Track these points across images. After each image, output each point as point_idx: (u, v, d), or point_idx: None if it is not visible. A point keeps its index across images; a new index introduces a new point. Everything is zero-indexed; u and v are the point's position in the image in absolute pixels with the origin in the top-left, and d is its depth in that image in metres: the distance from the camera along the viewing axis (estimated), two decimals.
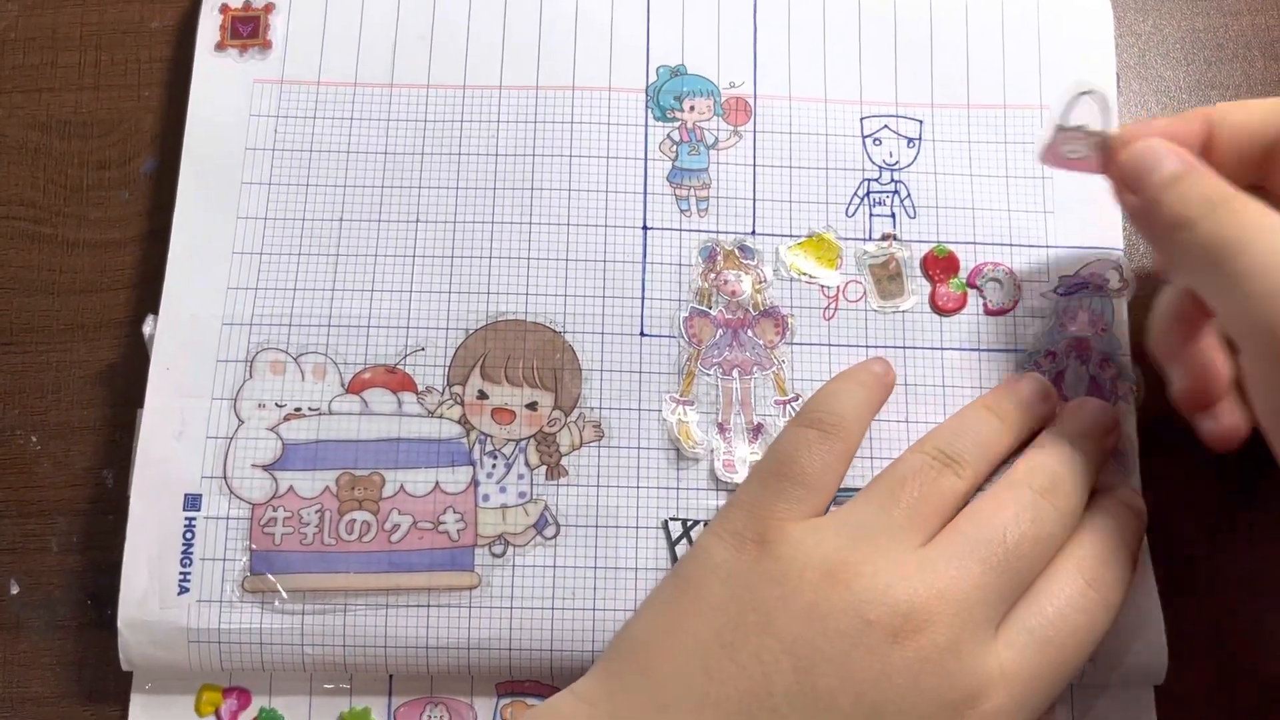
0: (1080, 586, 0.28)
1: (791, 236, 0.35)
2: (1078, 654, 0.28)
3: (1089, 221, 0.35)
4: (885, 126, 0.36)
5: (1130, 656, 0.31)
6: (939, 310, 0.35)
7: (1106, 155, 0.30)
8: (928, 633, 0.27)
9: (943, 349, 0.34)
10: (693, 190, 0.35)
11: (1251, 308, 0.26)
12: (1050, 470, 0.30)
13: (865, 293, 0.35)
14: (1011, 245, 0.35)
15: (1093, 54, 0.37)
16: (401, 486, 0.33)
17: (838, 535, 0.29)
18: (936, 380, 0.34)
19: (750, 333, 0.34)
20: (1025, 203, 0.35)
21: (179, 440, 0.33)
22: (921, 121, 0.36)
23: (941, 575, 0.27)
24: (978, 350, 0.34)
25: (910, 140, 0.36)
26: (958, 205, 0.35)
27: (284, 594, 0.32)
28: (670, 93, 0.36)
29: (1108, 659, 0.31)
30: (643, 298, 0.34)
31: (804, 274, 0.35)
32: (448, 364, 0.34)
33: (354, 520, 0.32)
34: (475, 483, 0.33)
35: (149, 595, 0.32)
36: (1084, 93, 0.30)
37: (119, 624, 0.31)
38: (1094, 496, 0.31)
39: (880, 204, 0.36)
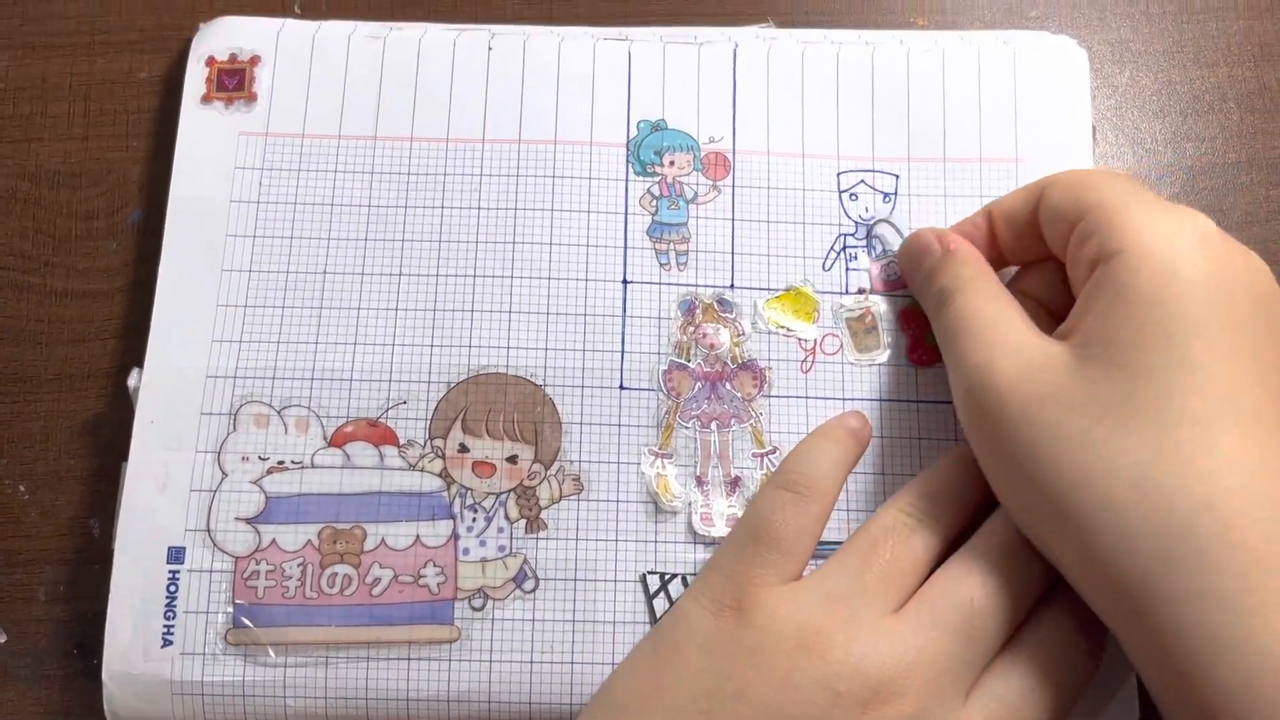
0: (1055, 652, 0.29)
1: (769, 290, 0.36)
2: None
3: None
4: (862, 181, 0.37)
5: (1101, 710, 0.32)
6: (915, 363, 0.35)
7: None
8: (896, 704, 0.27)
9: (918, 401, 0.35)
10: (672, 244, 0.36)
11: (954, 389, 0.31)
12: (1019, 530, 0.30)
13: (842, 346, 0.35)
14: None
15: (1069, 106, 0.37)
16: (383, 540, 0.33)
17: (812, 602, 0.29)
18: (912, 432, 0.34)
19: (729, 385, 0.35)
20: None
21: (163, 493, 0.33)
22: (898, 176, 0.37)
23: (911, 647, 0.28)
24: (951, 403, 0.35)
25: (886, 195, 0.37)
26: None
27: (267, 647, 0.32)
28: (651, 147, 0.37)
29: (1078, 711, 0.32)
30: (622, 351, 0.35)
31: (782, 327, 0.35)
32: (429, 417, 0.34)
33: (336, 573, 0.33)
34: (456, 536, 0.33)
35: (133, 648, 0.32)
36: (880, 220, 0.36)
37: (103, 676, 0.32)
38: None
39: (856, 258, 0.36)
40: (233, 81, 0.37)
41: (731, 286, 0.36)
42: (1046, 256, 0.33)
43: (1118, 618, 0.27)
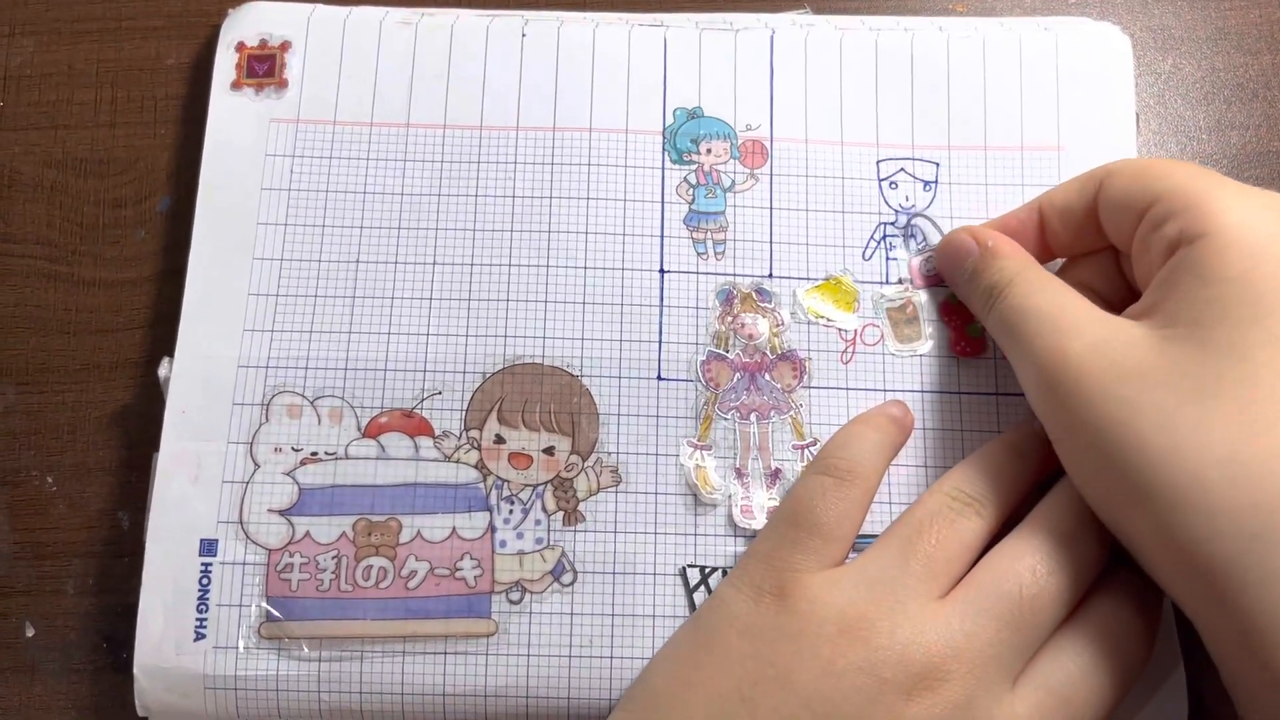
0: (1104, 643, 0.28)
1: (809, 279, 0.35)
2: (1098, 713, 0.28)
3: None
4: (901, 169, 0.36)
5: (1149, 710, 0.31)
6: (957, 354, 0.34)
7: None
8: (942, 690, 0.27)
9: (960, 393, 0.34)
10: (710, 233, 0.35)
11: (1026, 380, 0.30)
12: (1072, 516, 0.30)
13: (883, 336, 0.35)
14: None
15: (1112, 94, 0.37)
16: (418, 532, 0.33)
17: (855, 588, 0.28)
18: (954, 424, 0.34)
19: (768, 376, 0.34)
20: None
21: (195, 485, 0.33)
22: (938, 164, 0.36)
23: (956, 632, 0.27)
24: (995, 395, 0.34)
25: (927, 183, 0.36)
26: None
27: (300, 641, 0.32)
28: (687, 135, 0.36)
29: (1126, 711, 0.31)
30: (660, 341, 0.34)
31: (821, 317, 0.35)
32: (465, 408, 0.34)
33: (370, 566, 0.32)
34: (492, 528, 0.33)
35: (165, 641, 0.32)
36: (918, 215, 0.35)
37: (135, 670, 0.31)
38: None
39: (895, 247, 0.35)
40: (263, 67, 0.37)
41: (770, 276, 0.35)
42: (1099, 247, 0.32)
43: (1198, 600, 0.26)
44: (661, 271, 0.35)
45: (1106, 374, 0.28)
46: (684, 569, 0.32)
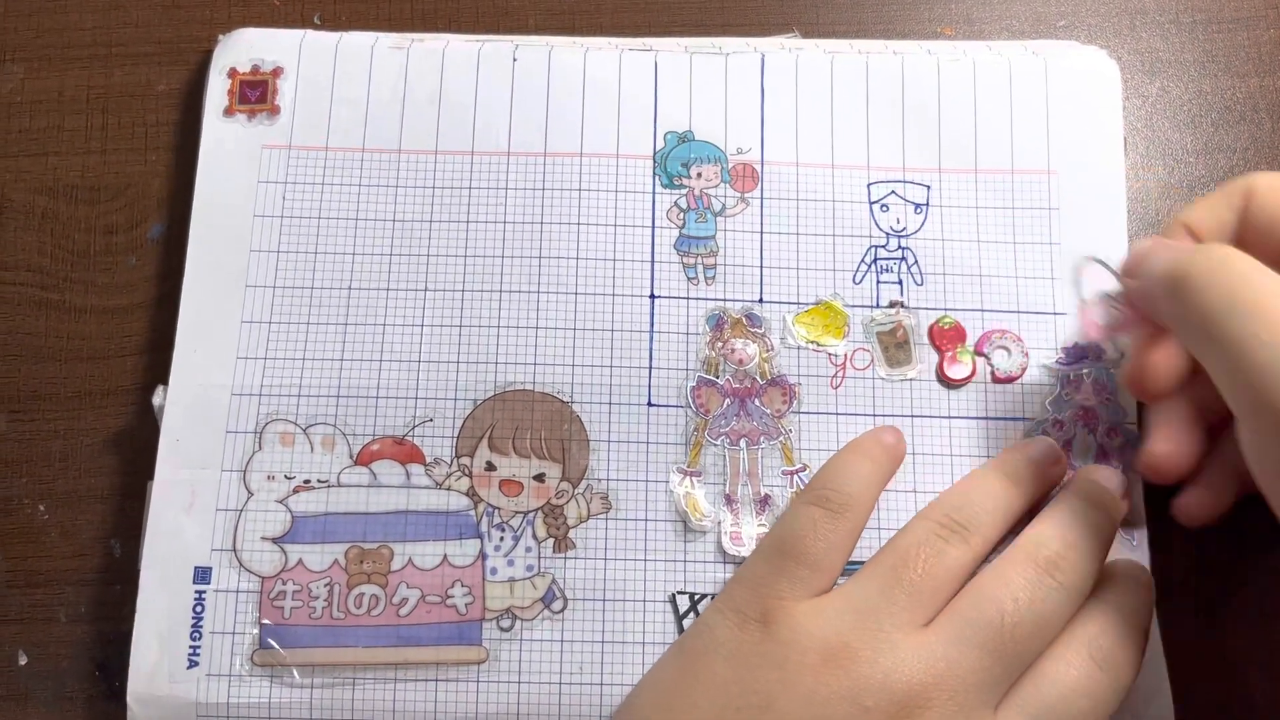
0: (1087, 668, 0.28)
1: (799, 304, 0.35)
2: None
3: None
4: (892, 192, 0.36)
5: None
6: (946, 379, 0.35)
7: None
8: (924, 717, 0.27)
9: (950, 417, 0.34)
10: (700, 258, 0.36)
11: (1251, 380, 0.25)
12: (1058, 542, 0.30)
13: (873, 360, 0.35)
14: (1019, 312, 0.35)
15: (1100, 117, 0.37)
16: (410, 559, 0.33)
17: (839, 617, 0.29)
18: (944, 449, 0.34)
19: (758, 402, 0.34)
20: (1033, 269, 0.35)
21: (189, 513, 0.33)
22: (929, 187, 0.36)
23: (939, 660, 0.28)
24: (985, 419, 0.34)
25: (918, 206, 0.36)
26: (965, 272, 0.35)
27: (293, 668, 0.32)
28: (678, 159, 0.36)
29: None
30: (650, 367, 0.34)
31: (811, 342, 0.35)
32: (456, 435, 0.34)
33: (363, 594, 0.32)
34: (483, 555, 0.33)
35: (159, 669, 0.32)
36: (1089, 259, 0.32)
37: (128, 699, 0.31)
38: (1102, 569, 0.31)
39: (887, 270, 0.36)
40: (255, 94, 0.37)
41: (760, 300, 0.35)
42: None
43: None
44: (652, 297, 0.35)
45: None
46: (674, 595, 0.33)
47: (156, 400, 0.34)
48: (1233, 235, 0.30)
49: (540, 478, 0.34)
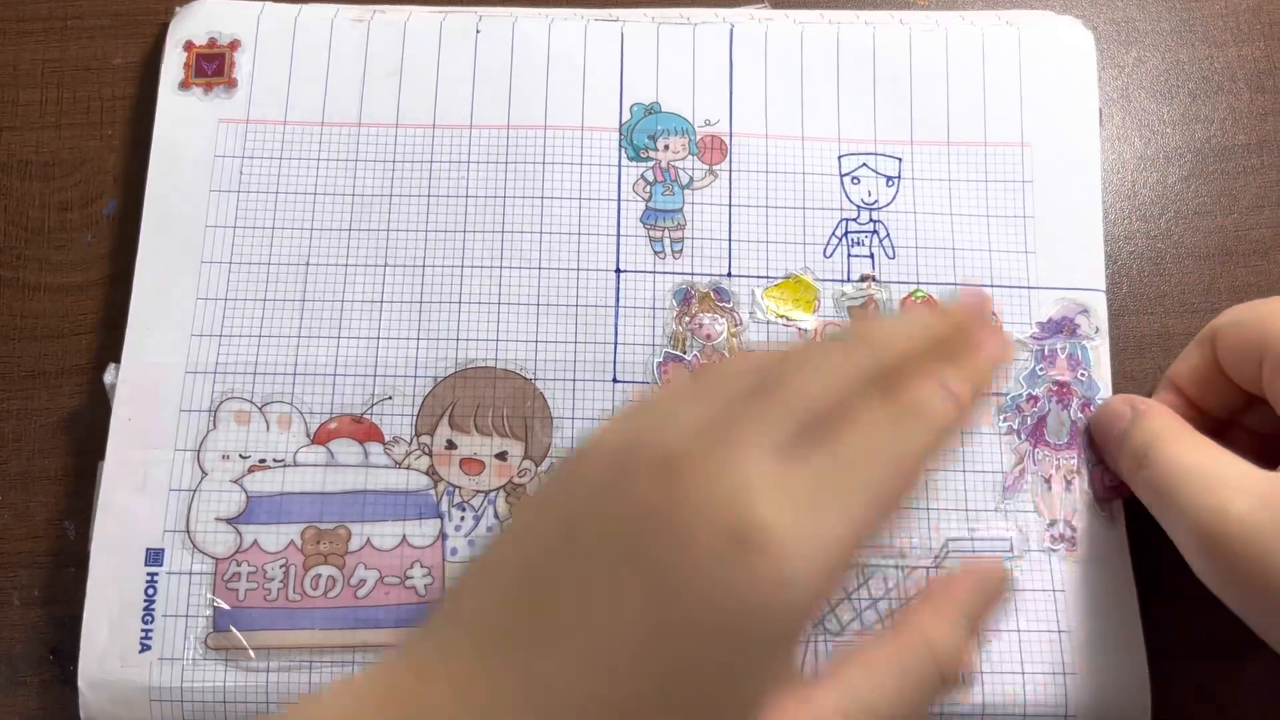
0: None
1: (768, 278, 0.34)
2: None
3: (1071, 263, 0.34)
4: (864, 164, 0.35)
5: (1113, 706, 0.31)
6: None
7: None
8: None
9: None
10: (667, 231, 0.35)
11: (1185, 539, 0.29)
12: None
13: None
14: (993, 286, 0.34)
15: (1075, 88, 0.36)
16: (368, 540, 0.32)
17: None
18: None
19: None
20: (1007, 243, 0.35)
21: (141, 493, 0.32)
22: (900, 159, 0.35)
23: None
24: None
25: (889, 179, 0.35)
26: (938, 245, 0.35)
27: (249, 651, 0.31)
28: (644, 131, 0.36)
29: (1091, 708, 0.30)
30: (615, 343, 0.34)
31: (781, 316, 0.34)
32: (415, 413, 0.33)
33: (319, 575, 0.32)
34: (443, 536, 0.32)
35: (110, 653, 0.31)
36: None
37: (79, 683, 0.31)
38: None
39: (859, 244, 0.35)
40: (212, 67, 0.36)
41: (729, 275, 0.34)
42: (1250, 398, 0.32)
43: None
44: (618, 271, 0.34)
45: (1275, 532, 0.27)
46: None
47: (108, 378, 0.33)
48: (1212, 375, 0.32)
49: (502, 456, 0.33)
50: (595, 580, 0.20)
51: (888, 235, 0.35)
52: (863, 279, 0.35)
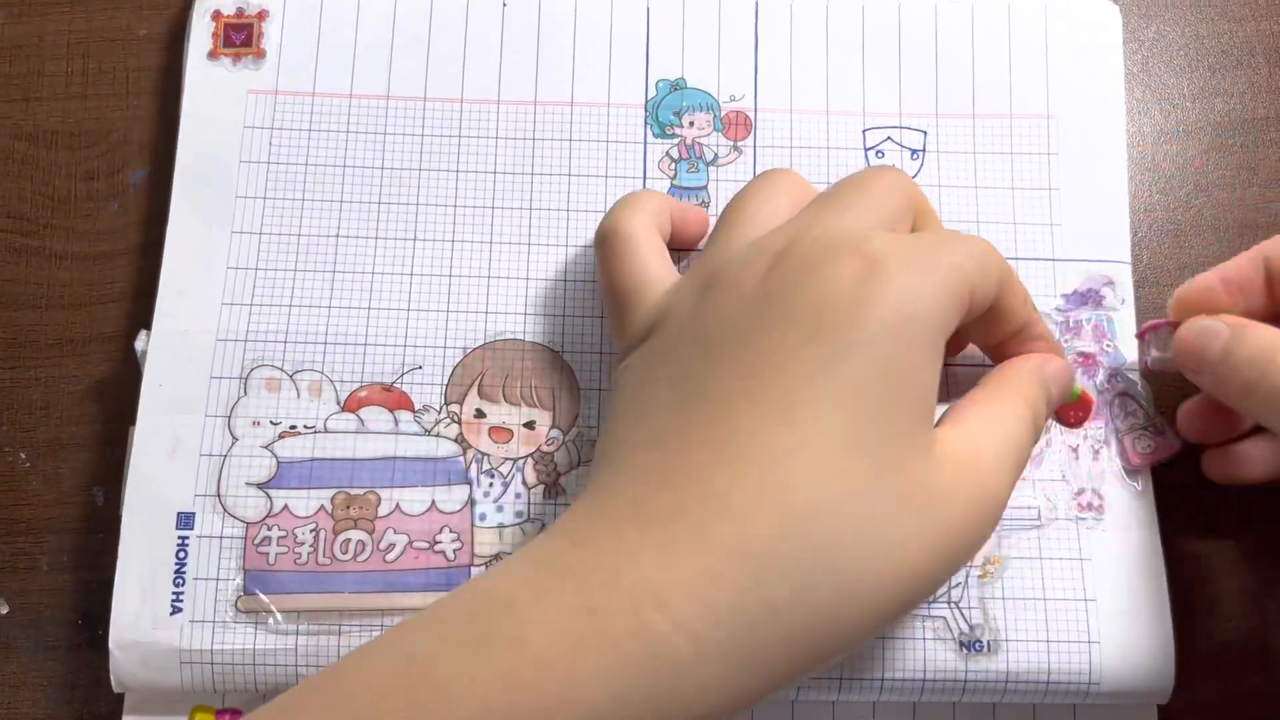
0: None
1: None
2: None
3: (1097, 234, 0.35)
4: (888, 138, 0.36)
5: (1137, 675, 0.31)
6: None
7: None
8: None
9: (946, 364, 0.34)
10: None
11: None
12: None
13: None
14: (1018, 259, 0.35)
15: (1100, 62, 0.36)
16: (397, 505, 0.32)
17: None
18: (941, 396, 0.33)
19: None
20: (1032, 215, 0.35)
21: (172, 458, 0.32)
22: (925, 133, 0.36)
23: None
24: (982, 366, 0.34)
25: (914, 152, 0.36)
26: (963, 218, 0.35)
27: (278, 614, 0.31)
28: (670, 108, 0.36)
29: (1115, 677, 0.31)
30: None
31: None
32: (445, 382, 0.33)
33: (349, 540, 0.32)
34: (472, 502, 0.32)
35: (141, 616, 0.31)
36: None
37: (110, 645, 0.31)
38: None
39: None
40: (240, 37, 0.36)
41: None
42: None
43: None
44: None
45: None
46: None
47: (139, 345, 0.33)
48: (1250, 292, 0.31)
49: (530, 425, 0.33)
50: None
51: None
52: None
